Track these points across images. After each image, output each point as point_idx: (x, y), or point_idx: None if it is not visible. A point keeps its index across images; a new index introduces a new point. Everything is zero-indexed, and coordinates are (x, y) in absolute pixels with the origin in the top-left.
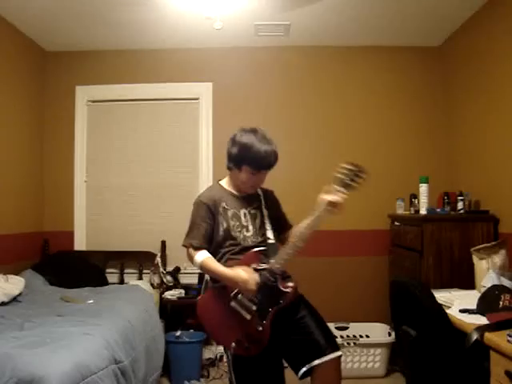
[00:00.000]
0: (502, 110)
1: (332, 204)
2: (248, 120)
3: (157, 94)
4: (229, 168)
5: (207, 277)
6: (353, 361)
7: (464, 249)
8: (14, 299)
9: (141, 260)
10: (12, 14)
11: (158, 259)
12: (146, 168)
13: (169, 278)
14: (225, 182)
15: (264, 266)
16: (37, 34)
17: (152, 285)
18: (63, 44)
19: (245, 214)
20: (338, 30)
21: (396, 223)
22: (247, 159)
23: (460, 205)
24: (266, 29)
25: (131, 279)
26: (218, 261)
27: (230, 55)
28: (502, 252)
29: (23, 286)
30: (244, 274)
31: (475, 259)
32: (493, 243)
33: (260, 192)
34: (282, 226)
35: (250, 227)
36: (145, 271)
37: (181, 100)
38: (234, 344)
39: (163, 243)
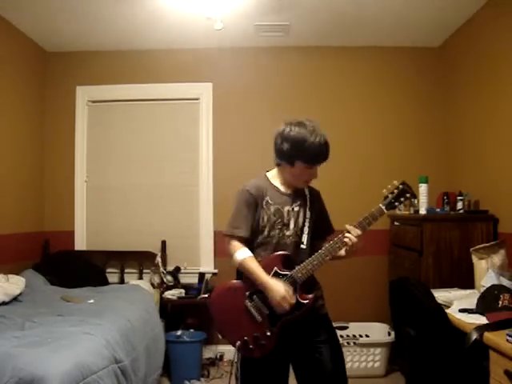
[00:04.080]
0: (502, 110)
1: (347, 239)
2: (248, 120)
3: (157, 94)
4: (278, 164)
5: (207, 276)
6: (353, 360)
7: (463, 249)
8: (15, 299)
9: (141, 260)
10: (13, 14)
11: (159, 259)
12: (146, 168)
13: (169, 277)
14: (272, 176)
15: (286, 271)
16: (37, 35)
17: (152, 284)
18: (64, 45)
19: (288, 211)
20: (337, 30)
21: (396, 223)
22: (300, 155)
23: (459, 205)
24: (266, 29)
25: (131, 279)
26: None
27: (229, 55)
28: (502, 252)
29: (24, 285)
30: (284, 290)
31: (475, 259)
32: (492, 243)
33: (307, 192)
34: (324, 229)
35: (291, 226)
36: (145, 271)
37: (181, 100)
38: (239, 343)
39: (163, 243)
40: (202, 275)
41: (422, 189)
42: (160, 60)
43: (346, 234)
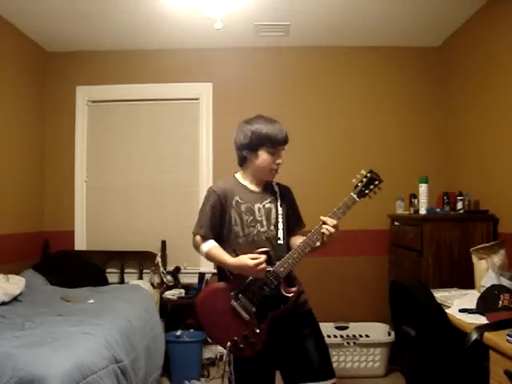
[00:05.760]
0: (502, 110)
1: (324, 228)
2: None
3: (157, 94)
4: (242, 160)
5: (207, 276)
6: (352, 360)
7: (463, 249)
8: (15, 299)
9: (141, 260)
10: (13, 14)
11: (159, 259)
12: (146, 168)
13: (169, 277)
14: (240, 176)
15: (269, 267)
16: (37, 35)
17: (152, 284)
18: (64, 44)
19: (259, 208)
20: (337, 30)
21: (396, 223)
22: (262, 140)
23: (459, 205)
24: (266, 29)
25: (131, 279)
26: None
27: (229, 55)
28: (502, 252)
29: (24, 285)
30: (250, 263)
31: (475, 259)
32: (492, 243)
33: (276, 188)
34: (294, 225)
35: (264, 222)
36: (145, 271)
37: (181, 100)
38: (229, 343)
39: (163, 243)
40: (201, 275)
41: (422, 189)
42: (160, 60)
43: (323, 226)
